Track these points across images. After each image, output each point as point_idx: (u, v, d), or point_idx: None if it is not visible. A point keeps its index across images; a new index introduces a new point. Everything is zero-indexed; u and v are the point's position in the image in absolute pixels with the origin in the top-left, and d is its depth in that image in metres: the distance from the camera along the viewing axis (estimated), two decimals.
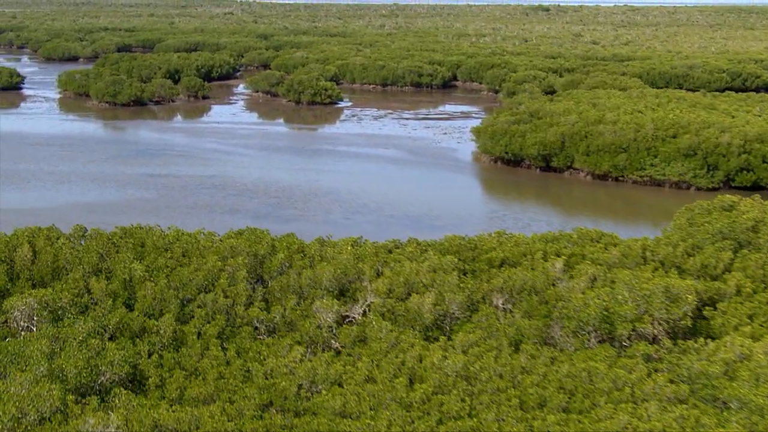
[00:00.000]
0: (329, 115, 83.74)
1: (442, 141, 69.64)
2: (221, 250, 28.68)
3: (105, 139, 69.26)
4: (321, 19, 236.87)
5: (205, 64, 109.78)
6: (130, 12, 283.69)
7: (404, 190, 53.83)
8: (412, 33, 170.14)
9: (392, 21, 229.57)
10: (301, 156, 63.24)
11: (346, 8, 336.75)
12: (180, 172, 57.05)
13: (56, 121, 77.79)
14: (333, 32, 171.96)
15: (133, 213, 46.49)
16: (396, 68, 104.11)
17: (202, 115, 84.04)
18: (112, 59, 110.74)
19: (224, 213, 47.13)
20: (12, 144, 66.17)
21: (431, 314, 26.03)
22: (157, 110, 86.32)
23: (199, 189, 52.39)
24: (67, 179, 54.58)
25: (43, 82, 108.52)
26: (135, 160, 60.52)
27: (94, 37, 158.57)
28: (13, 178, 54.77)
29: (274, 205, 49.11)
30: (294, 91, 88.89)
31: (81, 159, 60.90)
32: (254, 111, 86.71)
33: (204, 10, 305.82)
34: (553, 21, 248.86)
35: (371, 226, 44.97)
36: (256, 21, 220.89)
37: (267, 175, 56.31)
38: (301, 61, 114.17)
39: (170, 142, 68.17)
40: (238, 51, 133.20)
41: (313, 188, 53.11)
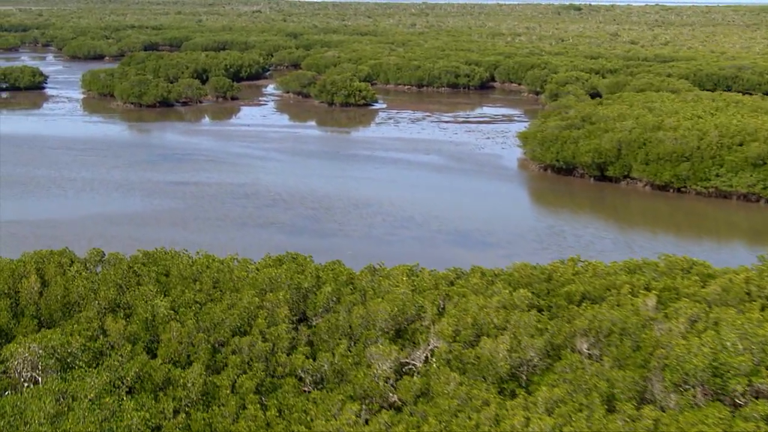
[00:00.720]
0: (364, 118, 79.73)
1: (485, 146, 65.52)
2: (258, 281, 24.70)
3: (129, 143, 65.49)
4: (350, 18, 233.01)
5: (233, 63, 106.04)
6: (157, 10, 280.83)
7: (450, 201, 49.78)
8: (444, 32, 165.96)
9: (423, 20, 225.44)
10: (337, 162, 59.32)
11: (375, 7, 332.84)
12: (209, 179, 53.21)
13: (79, 123, 74.15)
14: (363, 31, 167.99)
15: (158, 226, 42.81)
16: (432, 68, 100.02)
17: (231, 117, 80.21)
18: (137, 58, 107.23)
19: (257, 227, 43.21)
20: (32, 147, 62.63)
21: (506, 363, 21.94)
22: (184, 112, 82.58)
23: (229, 199, 48.50)
24: (89, 187, 50.84)
25: (67, 81, 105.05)
26: (161, 166, 56.72)
27: (120, 35, 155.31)
28: (32, 185, 51.17)
29: (311, 217, 45.13)
30: (327, 92, 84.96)
31: (104, 164, 57.19)
32: (285, 113, 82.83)
33: (231, 8, 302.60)
34: (586, 20, 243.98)
35: (418, 244, 40.97)
36: (285, 19, 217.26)
37: (302, 184, 52.38)
38: (332, 60, 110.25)
39: (198, 146, 64.35)
40: (267, 50, 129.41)
41: (353, 198, 49.12)
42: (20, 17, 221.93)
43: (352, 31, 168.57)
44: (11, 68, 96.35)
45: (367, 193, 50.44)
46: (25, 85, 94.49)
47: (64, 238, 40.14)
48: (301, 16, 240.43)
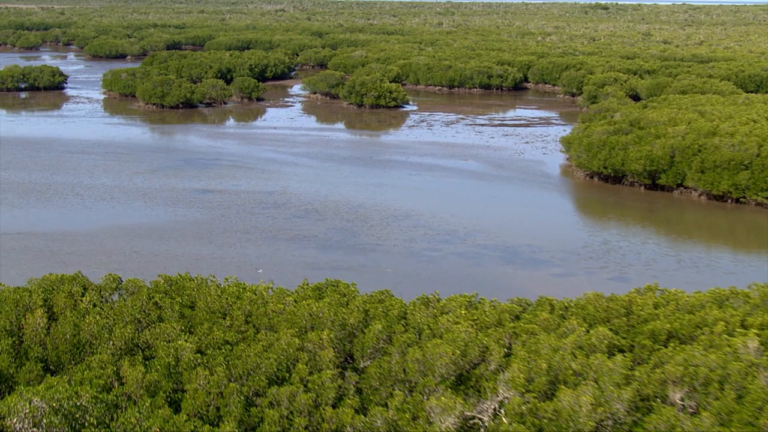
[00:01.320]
0: (395, 120, 76.39)
1: (524, 151, 62.08)
2: (297, 317, 21.43)
3: (152, 147, 62.35)
4: (375, 17, 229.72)
5: (258, 63, 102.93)
6: (180, 8, 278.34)
7: (493, 211, 46.45)
8: (473, 31, 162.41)
9: (449, 19, 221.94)
10: (370, 168, 56.02)
11: (399, 6, 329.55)
12: (235, 187, 50.02)
13: (99, 125, 71.12)
14: (390, 30, 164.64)
15: (182, 239, 39.68)
16: (463, 69, 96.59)
17: (257, 119, 77.02)
18: (160, 57, 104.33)
19: (288, 241, 39.94)
20: (50, 151, 59.65)
21: (590, 419, 18.57)
22: (208, 113, 79.47)
23: (258, 209, 45.27)
24: (108, 195, 47.74)
25: (88, 81, 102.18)
26: (185, 172, 53.57)
27: (142, 34, 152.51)
28: (48, 192, 48.13)
29: (346, 230, 41.84)
30: (356, 94, 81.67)
31: (125, 170, 54.15)
32: (313, 115, 79.58)
33: (255, 7, 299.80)
34: (614, 20, 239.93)
35: (464, 261, 37.63)
36: (310, 18, 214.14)
37: (335, 192, 49.13)
38: (360, 60, 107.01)
39: (223, 150, 61.19)
40: (292, 49, 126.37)
41: (390, 209, 45.83)
42: (42, 16, 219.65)
43: (378, 30, 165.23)
44: (30, 68, 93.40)
45: (404, 203, 47.10)
46: (44, 85, 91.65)
47: (80, 253, 37.16)
48: (325, 15, 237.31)
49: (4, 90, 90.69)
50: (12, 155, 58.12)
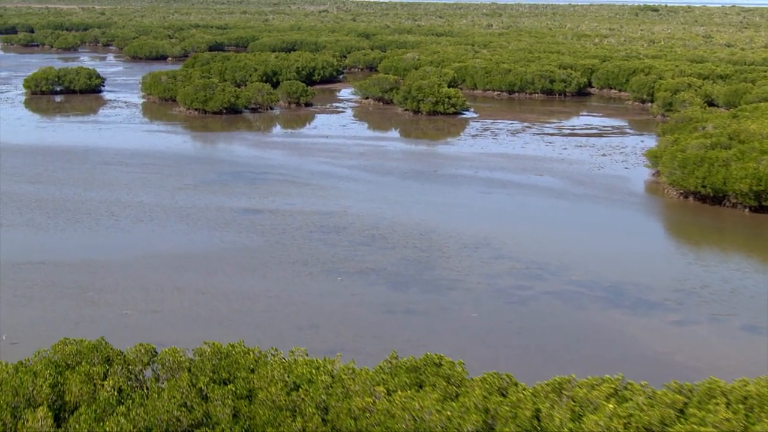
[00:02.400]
0: (455, 129, 70.51)
1: (604, 165, 55.98)
2: (394, 421, 15.51)
3: (194, 157, 56.84)
4: (422, 18, 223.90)
5: (306, 65, 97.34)
6: (222, 9, 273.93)
7: (583, 238, 40.55)
8: (525, 33, 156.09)
9: (497, 20, 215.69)
10: (437, 184, 50.18)
11: (444, 7, 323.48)
12: (288, 205, 44.33)
13: (138, 133, 65.71)
14: (439, 31, 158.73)
15: (229, 272, 34.18)
16: (524, 73, 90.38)
17: (307, 126, 71.36)
18: (202, 59, 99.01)
19: (354, 275, 34.20)
20: (85, 162, 54.38)
21: None
22: (254, 119, 73.94)
23: (314, 233, 39.55)
24: (148, 215, 42.24)
25: (126, 84, 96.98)
26: (231, 188, 48.02)
27: (183, 35, 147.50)
28: (80, 212, 42.71)
29: (418, 261, 35.99)
30: (412, 99, 75.82)
31: (166, 185, 48.72)
32: (366, 122, 73.82)
33: (297, 7, 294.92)
34: (667, 22, 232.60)
35: (560, 304, 31.75)
36: (355, 19, 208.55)
37: (401, 213, 43.34)
38: (412, 63, 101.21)
39: (271, 161, 55.63)
40: (340, 51, 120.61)
41: (466, 235, 40.01)
42: (82, 16, 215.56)
43: (427, 31, 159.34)
44: (66, 69, 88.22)
45: (481, 228, 41.19)
46: (80, 87, 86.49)
47: (112, 289, 31.76)
48: (370, 16, 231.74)
49: (38, 93, 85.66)
50: (43, 167, 52.85)
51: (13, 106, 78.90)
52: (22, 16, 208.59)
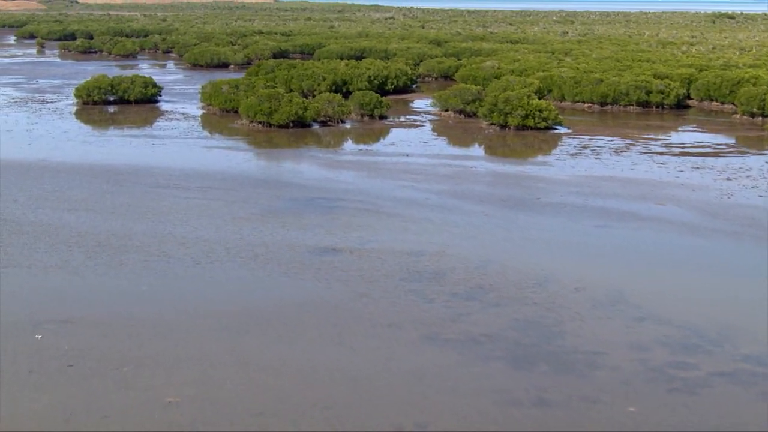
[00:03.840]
0: (549, 146, 62.70)
1: (733, 192, 47.98)
2: None
3: (258, 179, 49.65)
4: (492, 25, 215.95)
5: (378, 74, 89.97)
6: (286, 16, 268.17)
7: (739, 291, 32.74)
8: (606, 40, 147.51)
9: (569, 27, 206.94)
10: (542, 215, 42.54)
11: (513, 14, 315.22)
12: (372, 243, 36.92)
13: (195, 149, 58.73)
14: (513, 38, 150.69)
15: (306, 337, 27.16)
16: (617, 83, 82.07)
17: (382, 142, 63.95)
18: (266, 67, 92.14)
19: (460, 343, 26.74)
20: (135, 185, 47.50)
21: None
22: (323, 134, 66.68)
23: (406, 281, 32.09)
24: (206, 255, 35.05)
25: (185, 93, 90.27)
26: (303, 218, 40.80)
27: (246, 42, 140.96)
28: (125, 249, 35.74)
29: (539, 325, 28.41)
30: (498, 112, 68.09)
31: (227, 214, 41.61)
32: (448, 137, 66.27)
33: (363, 14, 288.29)
34: (747, 29, 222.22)
35: (740, 390, 23.92)
36: (424, 26, 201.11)
37: (509, 254, 35.86)
38: (492, 72, 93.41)
39: (347, 185, 48.31)
40: (411, 59, 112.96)
41: (592, 286, 32.47)
42: (143, 22, 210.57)
43: (501, 38, 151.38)
44: (120, 78, 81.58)
45: (609, 275, 33.46)
46: (135, 97, 79.83)
47: (154, 362, 24.91)
48: (439, 23, 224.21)
49: (90, 103, 79.16)
50: (87, 190, 45.96)
51: (61, 117, 72.35)
52: (83, 23, 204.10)
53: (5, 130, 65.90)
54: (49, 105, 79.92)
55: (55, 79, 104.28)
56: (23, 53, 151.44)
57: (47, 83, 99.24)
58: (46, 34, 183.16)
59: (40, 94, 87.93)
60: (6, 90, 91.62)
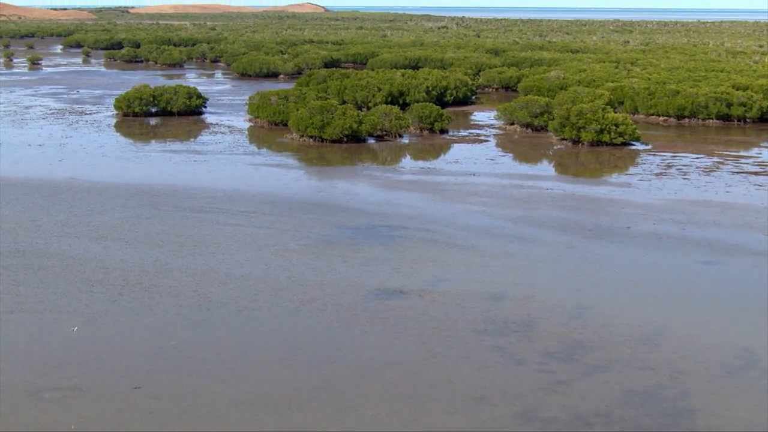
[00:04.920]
0: (627, 164, 56.91)
1: None
2: None
3: (308, 202, 44.17)
4: (548, 34, 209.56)
5: (436, 84, 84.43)
6: (337, 25, 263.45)
7: None
8: (672, 50, 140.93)
9: (629, 37, 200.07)
10: (637, 248, 36.89)
11: (568, 23, 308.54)
12: (443, 283, 31.34)
13: (240, 166, 53.50)
14: (574, 48, 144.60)
15: (368, 421, 21.02)
16: (695, 95, 75.79)
17: (445, 158, 58.34)
18: (317, 77, 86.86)
19: (561, 424, 20.91)
20: (173, 208, 42.49)
21: None
22: (380, 150, 61.20)
23: (488, 335, 26.60)
24: (251, 299, 29.95)
25: (232, 104, 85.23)
26: (360, 251, 35.41)
27: (297, 50, 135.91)
28: (160, 290, 30.66)
29: (660, 398, 22.89)
30: (570, 126, 62.13)
31: (274, 243, 36.47)
32: (516, 154, 60.50)
33: (415, 24, 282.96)
34: None
35: None
36: (479, 35, 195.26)
37: (606, 302, 30.25)
38: (557, 82, 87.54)
39: (409, 209, 42.76)
40: (469, 68, 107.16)
41: (717, 345, 26.93)
42: (191, 31, 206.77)
43: (561, 47, 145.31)
44: (162, 88, 76.62)
45: (731, 330, 27.78)
46: (178, 109, 74.90)
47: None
48: (493, 32, 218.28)
49: (130, 115, 74.27)
50: (119, 214, 40.76)
51: (98, 130, 67.46)
52: (130, 32, 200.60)
53: (37, 144, 61.13)
54: (87, 117, 75.17)
55: (96, 89, 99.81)
56: (68, 62, 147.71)
57: (88, 93, 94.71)
58: (93, 43, 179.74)
59: (79, 105, 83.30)
60: (45, 100, 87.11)
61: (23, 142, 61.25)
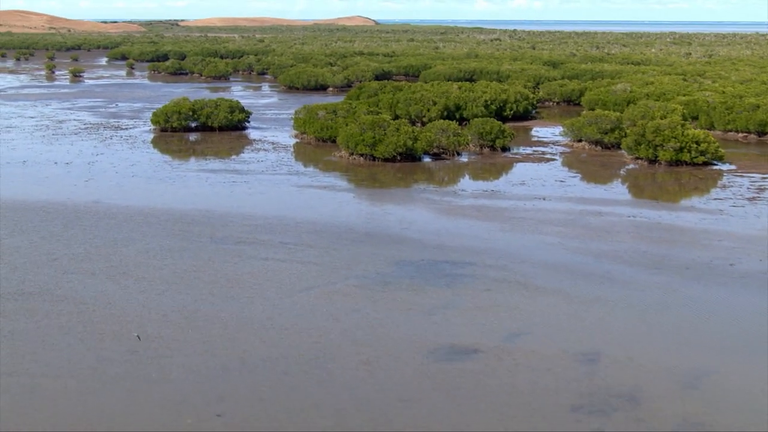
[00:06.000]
0: (712, 187, 51.22)
1: None
2: None
3: (360, 231, 38.84)
4: (604, 46, 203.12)
5: (495, 98, 78.84)
6: (388, 37, 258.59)
7: None
8: (740, 62, 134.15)
9: (689, 49, 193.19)
10: (747, 293, 31.43)
11: (623, 36, 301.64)
12: (519, 338, 25.98)
13: (283, 188, 48.31)
14: (634, 59, 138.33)
15: None
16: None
17: (509, 179, 52.76)
18: (368, 90, 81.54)
19: None
20: (205, 240, 37.44)
21: None
22: (436, 169, 55.79)
23: (582, 416, 21.24)
24: (295, 360, 24.82)
25: (277, 119, 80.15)
26: (419, 293, 30.16)
27: (346, 62, 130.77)
28: (183, 344, 25.81)
29: None
30: (646, 144, 56.29)
31: (320, 282, 31.32)
32: (586, 175, 54.79)
33: (467, 36, 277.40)
34: None
35: None
36: (534, 47, 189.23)
37: (727, 368, 24.77)
38: (624, 96, 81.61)
39: (473, 239, 37.46)
40: (528, 81, 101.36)
41: None
42: (239, 43, 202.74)
43: (622, 59, 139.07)
44: (202, 102, 71.65)
45: None
46: (219, 124, 69.97)
47: None
48: (548, 44, 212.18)
49: (168, 130, 69.36)
50: (145, 246, 35.66)
51: (132, 147, 62.56)
52: (177, 44, 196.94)
53: (65, 161, 56.35)
54: (123, 132, 70.38)
55: (136, 102, 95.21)
56: (110, 75, 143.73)
57: (127, 107, 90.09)
58: (138, 55, 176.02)
59: (115, 120, 78.63)
60: (80, 114, 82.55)
61: (50, 160, 56.48)
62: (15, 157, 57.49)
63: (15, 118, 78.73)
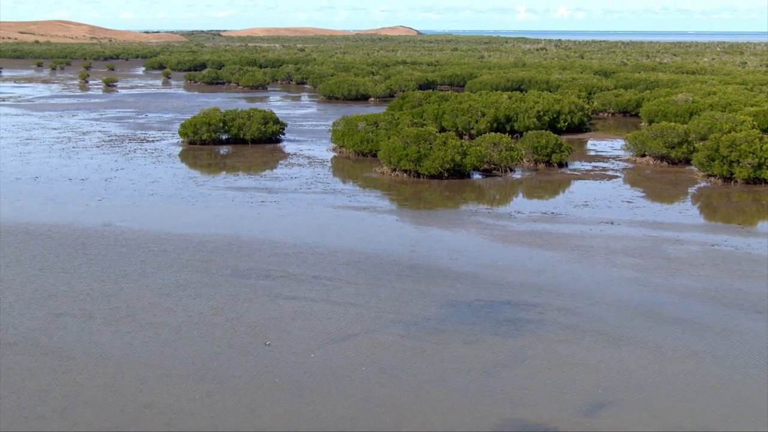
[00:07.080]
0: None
1: None
2: None
3: (403, 263, 33.62)
4: (655, 56, 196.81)
5: (548, 108, 73.42)
6: (431, 47, 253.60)
7: None
8: None
9: (743, 58, 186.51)
10: None
11: (671, 45, 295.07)
12: (604, 413, 21.01)
13: (317, 209, 43.25)
14: (689, 69, 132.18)
15: None
16: None
17: (569, 200, 47.30)
18: (412, 100, 76.39)
19: None
20: (225, 274, 32.75)
21: None
22: (488, 187, 50.48)
23: None
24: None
25: (315, 130, 75.15)
26: (475, 346, 25.24)
27: (389, 72, 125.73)
28: (184, 415, 21.23)
29: None
30: (721, 160, 50.64)
31: (359, 332, 26.07)
32: (654, 194, 49.44)
33: (511, 45, 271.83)
34: None
35: None
36: (582, 56, 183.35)
37: None
38: (686, 107, 75.72)
39: (536, 274, 32.22)
40: (581, 91, 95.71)
41: None
42: (279, 53, 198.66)
43: (676, 68, 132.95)
44: (234, 113, 66.79)
45: None
46: (252, 136, 65.19)
47: None
48: (596, 53, 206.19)
49: (197, 143, 64.54)
50: (158, 282, 30.73)
51: (156, 161, 57.77)
52: (215, 53, 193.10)
53: (80, 178, 51.66)
54: (148, 145, 65.60)
55: (167, 113, 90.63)
56: (145, 84, 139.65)
57: (156, 118, 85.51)
58: (176, 64, 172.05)
59: (142, 131, 73.96)
60: (106, 126, 78.01)
61: (64, 176, 51.82)
62: (27, 172, 52.86)
63: (37, 129, 74.30)
